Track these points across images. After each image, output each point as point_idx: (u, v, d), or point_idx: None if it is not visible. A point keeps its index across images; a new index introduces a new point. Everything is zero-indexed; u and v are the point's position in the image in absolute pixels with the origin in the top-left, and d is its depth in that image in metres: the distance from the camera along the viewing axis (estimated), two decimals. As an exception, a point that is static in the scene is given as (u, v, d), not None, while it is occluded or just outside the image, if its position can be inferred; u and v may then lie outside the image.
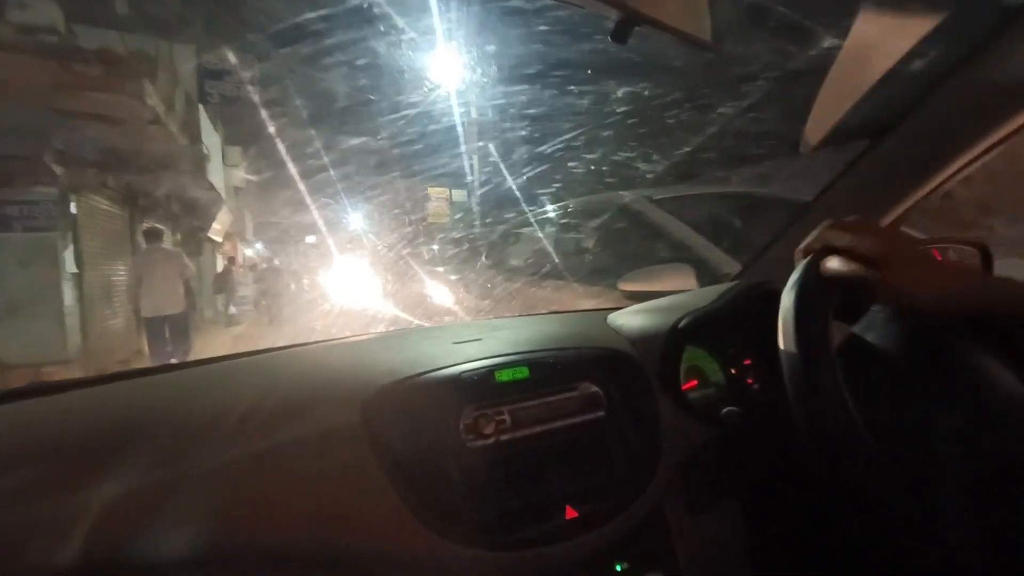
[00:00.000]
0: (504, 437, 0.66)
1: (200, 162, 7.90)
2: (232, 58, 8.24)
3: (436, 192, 13.87)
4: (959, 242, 0.83)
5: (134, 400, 0.67)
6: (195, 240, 11.05)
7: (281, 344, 0.90)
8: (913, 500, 0.44)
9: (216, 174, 9.82)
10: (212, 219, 10.70)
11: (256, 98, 8.36)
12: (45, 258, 5.05)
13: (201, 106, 8.42)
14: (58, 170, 5.15)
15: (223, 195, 10.45)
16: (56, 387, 0.68)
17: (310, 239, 33.60)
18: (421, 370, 0.68)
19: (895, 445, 0.46)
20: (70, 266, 5.33)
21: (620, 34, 0.55)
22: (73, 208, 5.50)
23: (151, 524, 0.52)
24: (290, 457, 0.59)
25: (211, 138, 9.37)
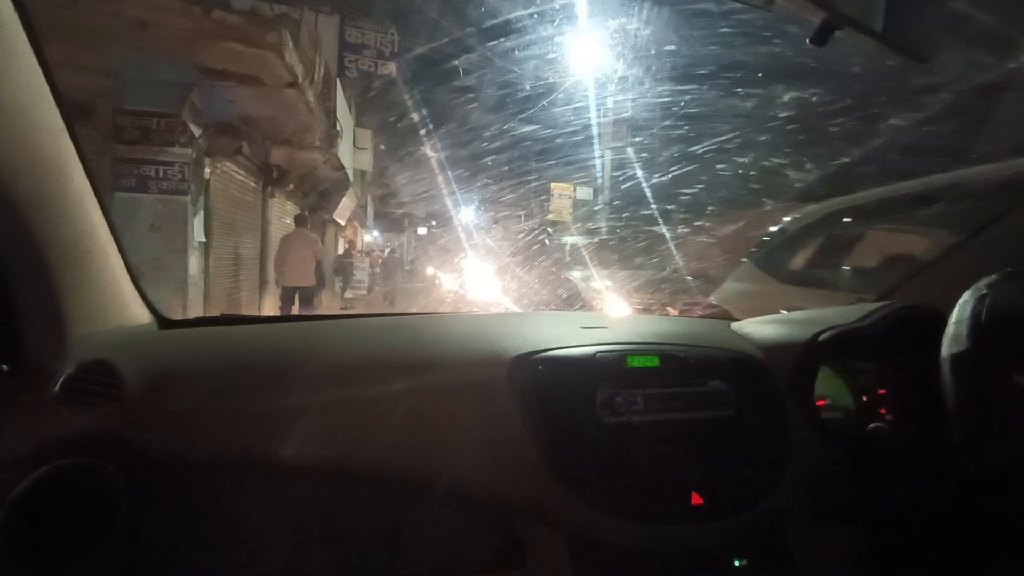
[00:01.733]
0: (636, 418, 0.69)
1: (333, 140, 7.64)
2: (373, 32, 7.89)
3: (560, 188, 12.95)
4: None
5: (307, 337, 0.83)
6: (320, 220, 11.12)
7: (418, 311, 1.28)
8: None
9: (346, 156, 9.68)
10: (338, 201, 10.65)
11: (393, 76, 7.94)
12: (175, 224, 4.77)
13: (338, 82, 8.18)
14: (195, 131, 4.86)
15: (351, 177, 10.35)
16: (247, 319, 0.96)
17: (421, 230, 34.83)
18: (559, 344, 0.75)
19: None
20: (198, 234, 5.04)
21: (821, 37, 0.54)
22: (207, 173, 5.23)
23: (324, 433, 0.65)
24: (442, 398, 0.68)
25: (344, 117, 9.21)
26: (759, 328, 0.91)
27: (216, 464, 0.64)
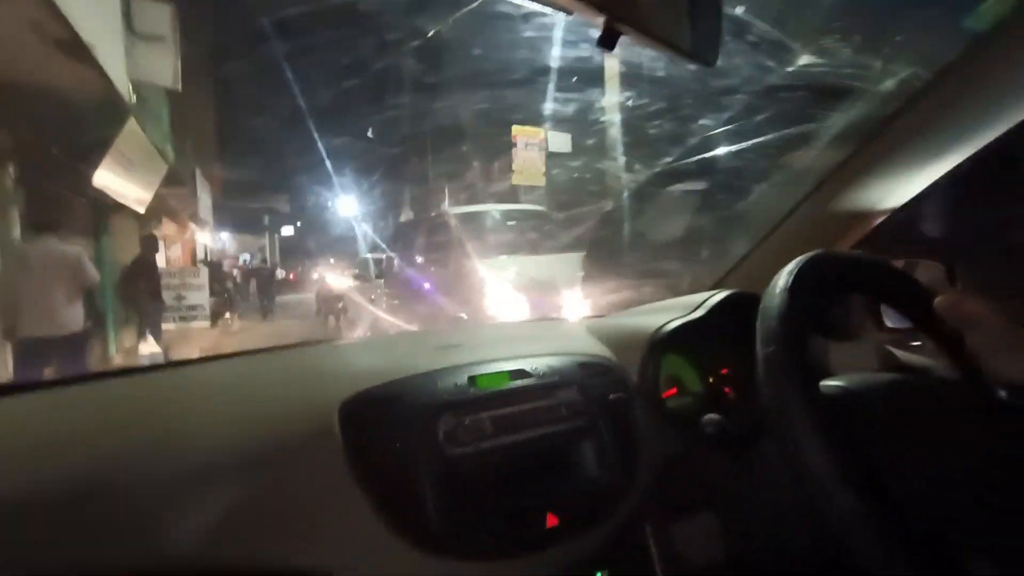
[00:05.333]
0: (484, 445, 0.64)
1: None
2: None
3: (525, 134, 8.26)
4: (925, 258, 0.85)
5: (101, 402, 0.65)
6: (69, 200, 5.16)
7: (256, 347, 0.89)
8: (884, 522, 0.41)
9: (111, 47, 4.10)
10: (102, 151, 4.80)
11: None
12: None
13: None
14: None
15: (129, 97, 4.66)
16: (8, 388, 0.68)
17: (287, 230, 27.84)
18: (400, 374, 0.68)
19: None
20: None
21: (607, 41, 0.54)
22: None
23: (114, 528, 0.50)
24: (261, 464, 0.56)
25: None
26: (610, 326, 0.92)
27: None
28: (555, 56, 7.92)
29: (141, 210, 6.99)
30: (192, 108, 10.04)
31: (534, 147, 8.22)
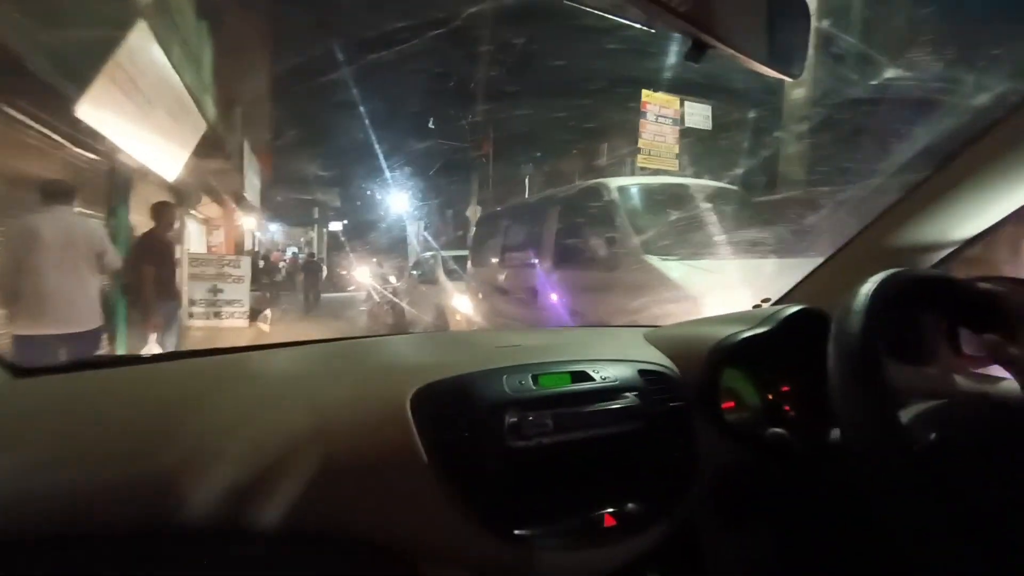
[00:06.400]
0: (545, 441, 0.66)
1: None
2: None
3: (657, 102, 6.35)
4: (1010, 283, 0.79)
5: (184, 379, 0.69)
6: (68, 153, 3.60)
7: (329, 336, 0.92)
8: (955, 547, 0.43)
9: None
10: (92, 74, 3.23)
11: None
12: None
13: None
14: None
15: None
16: (107, 362, 0.73)
17: (335, 226, 26.68)
18: (467, 370, 0.70)
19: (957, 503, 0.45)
20: None
21: (694, 54, 0.55)
22: None
23: (204, 494, 0.53)
24: (339, 441, 0.60)
25: None
26: (668, 335, 0.93)
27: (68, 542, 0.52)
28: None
29: (170, 176, 5.49)
30: (247, 71, 8.68)
31: (667, 120, 6.33)
